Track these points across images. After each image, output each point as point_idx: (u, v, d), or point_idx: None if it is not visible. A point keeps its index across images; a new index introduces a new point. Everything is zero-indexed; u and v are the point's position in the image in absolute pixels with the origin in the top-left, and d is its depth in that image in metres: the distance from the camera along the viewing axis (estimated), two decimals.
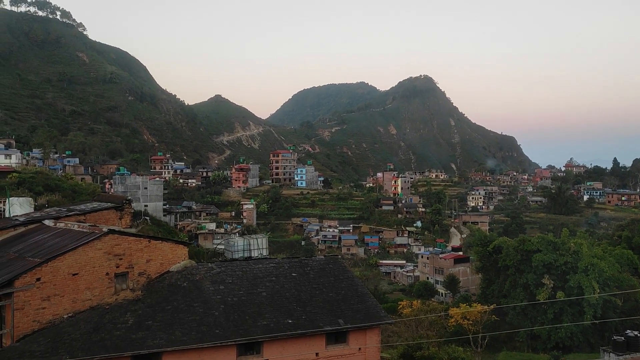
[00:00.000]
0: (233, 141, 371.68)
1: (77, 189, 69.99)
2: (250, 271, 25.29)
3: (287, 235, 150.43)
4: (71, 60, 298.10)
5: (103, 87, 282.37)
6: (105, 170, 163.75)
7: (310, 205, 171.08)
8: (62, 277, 20.84)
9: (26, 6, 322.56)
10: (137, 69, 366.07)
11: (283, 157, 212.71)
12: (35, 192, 58.16)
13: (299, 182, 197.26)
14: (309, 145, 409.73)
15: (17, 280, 19.75)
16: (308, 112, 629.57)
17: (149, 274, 23.57)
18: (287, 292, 24.31)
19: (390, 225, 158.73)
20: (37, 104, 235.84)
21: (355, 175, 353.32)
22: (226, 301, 22.93)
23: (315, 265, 26.95)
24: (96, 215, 31.00)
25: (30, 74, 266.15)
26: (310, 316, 23.19)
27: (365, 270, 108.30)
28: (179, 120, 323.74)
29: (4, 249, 24.56)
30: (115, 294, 22.28)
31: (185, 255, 25.35)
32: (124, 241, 22.85)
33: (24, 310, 19.85)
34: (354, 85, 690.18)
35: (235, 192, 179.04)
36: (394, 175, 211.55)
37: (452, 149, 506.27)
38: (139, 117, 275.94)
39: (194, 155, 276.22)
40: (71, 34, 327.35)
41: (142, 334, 20.55)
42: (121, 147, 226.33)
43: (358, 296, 25.25)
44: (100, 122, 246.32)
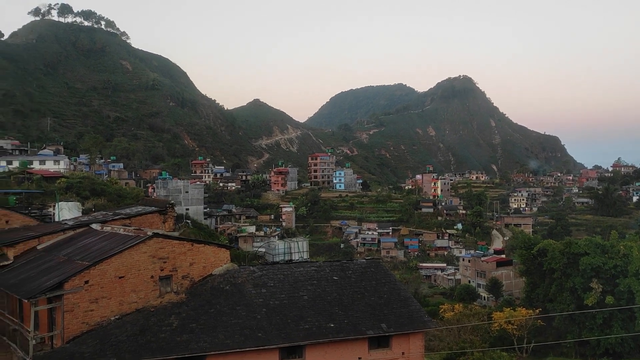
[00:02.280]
0: (271, 145, 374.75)
1: (121, 193, 71.93)
2: (292, 274, 25.26)
3: (326, 238, 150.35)
4: (115, 68, 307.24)
5: (145, 94, 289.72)
6: (148, 174, 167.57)
7: (349, 208, 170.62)
8: (109, 280, 21.31)
9: (73, 17, 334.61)
10: (178, 76, 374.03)
11: (321, 160, 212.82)
12: (82, 196, 60.02)
13: (338, 184, 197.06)
14: (347, 147, 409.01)
15: (67, 283, 20.31)
16: (346, 114, 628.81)
17: (192, 277, 23.85)
18: (328, 296, 24.16)
19: (430, 227, 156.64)
20: (84, 111, 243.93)
21: (394, 178, 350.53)
22: (268, 304, 22.97)
23: (356, 268, 26.71)
24: (141, 218, 31.65)
25: (77, 83, 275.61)
26: (352, 320, 22.97)
27: (405, 273, 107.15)
28: (218, 125, 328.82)
29: (54, 252, 25.34)
30: (160, 297, 22.62)
31: (227, 259, 25.54)
32: (167, 244, 23.21)
33: (73, 312, 20.38)
34: (391, 87, 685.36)
35: (274, 195, 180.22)
36: (433, 177, 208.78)
37: (493, 150, 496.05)
38: (180, 123, 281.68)
39: (234, 159, 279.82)
40: (115, 42, 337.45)
41: (187, 336, 20.79)
42: (163, 152, 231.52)
43: (401, 300, 24.86)
44: (143, 127, 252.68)
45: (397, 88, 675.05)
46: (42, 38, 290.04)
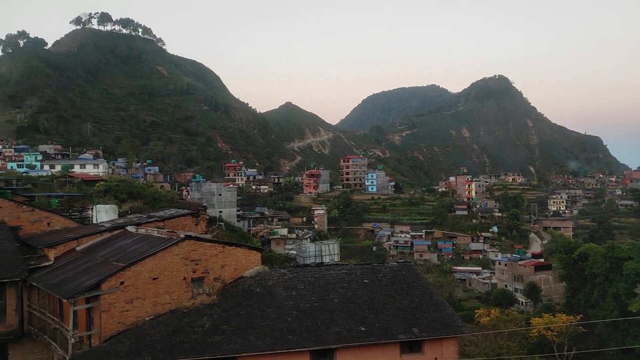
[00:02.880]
0: (304, 147, 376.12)
1: (157, 196, 73.34)
2: (322, 277, 25.26)
3: (358, 241, 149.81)
4: (151, 74, 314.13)
5: (180, 98, 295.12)
6: (183, 177, 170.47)
7: (381, 210, 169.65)
8: (143, 281, 21.76)
9: (112, 25, 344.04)
10: (211, 80, 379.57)
11: (353, 162, 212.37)
12: (119, 199, 61.50)
13: (370, 187, 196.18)
14: (380, 150, 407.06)
15: (104, 284, 20.84)
16: (378, 116, 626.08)
17: (223, 279, 24.13)
18: (359, 299, 24.05)
19: (464, 230, 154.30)
20: (122, 116, 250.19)
21: (427, 180, 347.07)
22: (299, 307, 23.02)
23: (387, 271, 26.53)
24: (174, 221, 32.25)
25: (116, 88, 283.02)
26: (383, 324, 22.80)
27: (439, 277, 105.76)
28: (251, 128, 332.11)
29: (92, 254, 26.05)
30: (193, 298, 22.97)
31: (258, 261, 25.75)
32: (199, 247, 23.56)
33: (109, 312, 20.89)
34: (424, 88, 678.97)
35: (306, 197, 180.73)
36: (468, 179, 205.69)
37: (530, 151, 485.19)
38: (214, 126, 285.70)
39: (266, 161, 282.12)
40: (151, 49, 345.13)
41: (218, 337, 21.03)
42: (197, 155, 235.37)
43: (433, 304, 24.55)
44: (178, 131, 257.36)
45: (429, 89, 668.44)
46: (83, 46, 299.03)
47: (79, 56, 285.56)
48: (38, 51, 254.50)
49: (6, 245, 27.36)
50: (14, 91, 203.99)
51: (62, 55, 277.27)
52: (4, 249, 27.01)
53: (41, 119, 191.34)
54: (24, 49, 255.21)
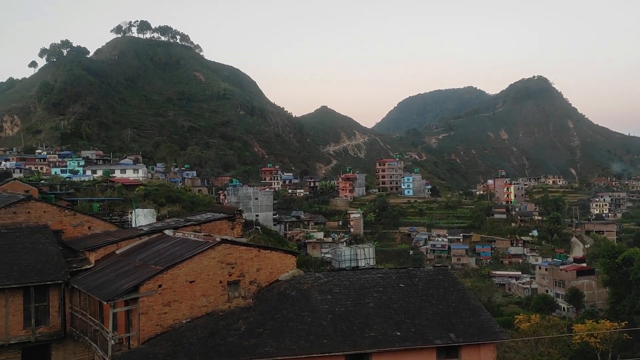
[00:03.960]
0: (339, 151, 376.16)
1: (194, 200, 74.61)
2: (357, 281, 25.10)
3: (395, 245, 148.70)
4: (189, 79, 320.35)
5: (217, 103, 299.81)
6: (220, 181, 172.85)
7: (417, 214, 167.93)
8: (180, 284, 22.06)
9: (151, 33, 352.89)
10: (247, 85, 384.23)
11: (389, 166, 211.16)
12: (158, 203, 62.77)
13: (406, 190, 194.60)
14: (416, 153, 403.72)
15: (142, 286, 21.21)
16: (414, 119, 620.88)
17: (259, 282, 24.25)
18: (394, 304, 23.78)
19: (503, 234, 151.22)
20: (160, 122, 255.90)
21: (465, 183, 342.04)
22: (334, 311, 22.91)
23: (423, 276, 26.16)
24: (210, 225, 32.64)
25: (155, 95, 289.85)
26: (419, 329, 22.47)
27: (477, 281, 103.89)
28: (287, 132, 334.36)
29: (131, 257, 26.60)
30: (229, 302, 23.15)
31: (294, 265, 25.77)
32: (235, 250, 23.74)
33: (148, 314, 21.24)
34: (461, 90, 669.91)
35: (342, 201, 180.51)
36: (506, 182, 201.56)
37: (571, 153, 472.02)
38: (250, 131, 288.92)
39: (302, 165, 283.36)
40: (189, 55, 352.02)
41: (254, 341, 21.11)
42: (234, 159, 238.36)
43: (470, 309, 24.05)
44: (215, 136, 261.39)
45: (466, 91, 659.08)
46: (123, 54, 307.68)
47: (119, 64, 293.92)
48: (81, 59, 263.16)
49: (50, 248, 28.23)
50: (58, 99, 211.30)
51: (104, 63, 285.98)
52: (48, 252, 27.87)
53: (83, 126, 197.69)
54: (67, 57, 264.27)
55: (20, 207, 30.25)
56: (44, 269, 26.42)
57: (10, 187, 39.84)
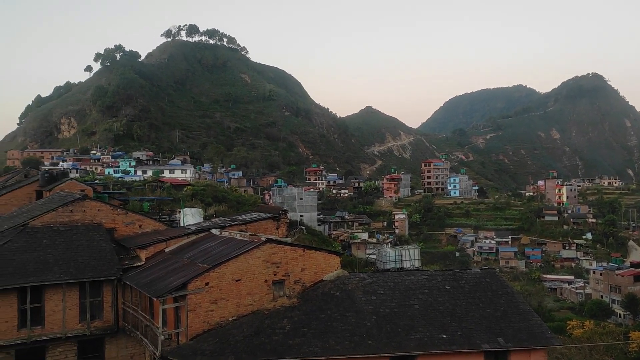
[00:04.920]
0: (384, 151, 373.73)
1: (240, 200, 75.86)
2: (402, 282, 24.87)
3: (440, 246, 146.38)
4: (235, 81, 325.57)
5: (263, 105, 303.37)
6: (265, 182, 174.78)
7: (464, 215, 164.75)
8: (227, 283, 22.46)
9: (199, 36, 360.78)
10: (292, 86, 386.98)
11: (435, 166, 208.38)
12: (205, 203, 64.17)
13: (452, 191, 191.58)
14: (462, 153, 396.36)
15: (190, 284, 21.73)
16: (460, 119, 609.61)
17: (303, 282, 24.39)
18: (440, 306, 23.43)
19: (554, 237, 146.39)
20: (208, 123, 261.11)
21: (513, 184, 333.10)
22: (378, 312, 22.78)
23: (470, 278, 25.66)
24: (256, 224, 33.07)
25: (202, 96, 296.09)
26: (466, 332, 22.04)
27: (526, 285, 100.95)
28: (331, 133, 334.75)
29: (179, 255, 27.27)
30: (274, 301, 23.39)
31: (338, 265, 25.78)
32: (280, 250, 23.98)
33: (195, 311, 21.73)
34: (510, 88, 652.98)
35: (386, 202, 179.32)
36: (558, 182, 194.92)
37: (629, 153, 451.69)
38: (295, 131, 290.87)
39: (346, 166, 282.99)
40: (236, 57, 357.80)
41: (299, 340, 21.23)
42: (279, 160, 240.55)
43: (520, 314, 23.41)
44: (260, 137, 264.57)
45: (515, 90, 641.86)
46: (172, 57, 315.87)
47: (169, 66, 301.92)
48: (133, 63, 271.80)
49: (103, 246, 29.30)
50: (112, 101, 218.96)
51: (154, 66, 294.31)
52: (101, 249, 28.95)
53: (135, 127, 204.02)
54: (120, 61, 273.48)
55: (77, 206, 31.52)
56: (98, 266, 27.46)
57: (67, 186, 41.56)
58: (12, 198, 43.99)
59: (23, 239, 28.43)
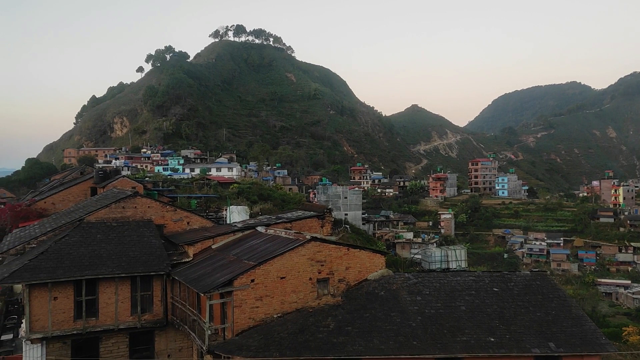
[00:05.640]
0: (430, 150, 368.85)
1: (285, 198, 76.33)
2: (448, 283, 24.46)
3: (488, 247, 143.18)
4: (281, 80, 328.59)
5: (308, 103, 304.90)
6: (310, 180, 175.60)
7: (513, 216, 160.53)
8: (272, 280, 22.69)
9: (246, 36, 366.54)
10: (337, 85, 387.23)
11: (482, 166, 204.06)
12: (251, 200, 64.93)
13: (500, 191, 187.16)
14: (511, 152, 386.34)
15: (236, 281, 22.06)
16: (510, 117, 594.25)
17: (348, 281, 24.35)
18: (488, 308, 22.89)
19: (609, 239, 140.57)
20: (253, 122, 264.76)
21: (566, 184, 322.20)
22: (423, 312, 22.48)
23: (519, 280, 24.96)
24: (300, 223, 33.25)
25: (248, 96, 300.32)
26: (515, 336, 21.45)
27: (579, 289, 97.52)
28: (376, 132, 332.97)
29: (226, 252, 27.73)
30: (318, 299, 23.45)
31: (383, 264, 25.61)
32: (325, 248, 24.00)
33: (241, 307, 22.05)
34: (563, 85, 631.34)
35: (432, 201, 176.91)
36: (614, 183, 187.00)
37: None
38: (340, 130, 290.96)
39: (391, 165, 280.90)
40: (281, 57, 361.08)
41: (343, 338, 21.20)
42: (323, 158, 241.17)
43: (572, 318, 22.58)
44: (305, 135, 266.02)
45: (569, 87, 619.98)
46: (220, 57, 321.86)
47: (216, 66, 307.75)
48: (182, 64, 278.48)
49: (153, 242, 30.14)
50: (161, 101, 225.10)
51: (202, 66, 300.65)
52: (151, 245, 29.78)
53: (183, 126, 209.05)
54: (170, 62, 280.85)
55: (128, 203, 32.57)
56: (149, 261, 28.27)
57: (119, 183, 43.08)
58: (69, 194, 46.12)
59: (79, 233, 29.59)
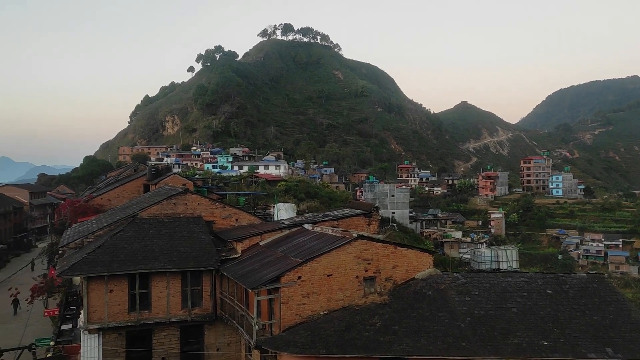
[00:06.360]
0: (479, 148, 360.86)
1: (332, 196, 76.44)
2: (499, 284, 23.87)
3: (541, 248, 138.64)
4: (328, 78, 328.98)
5: (355, 101, 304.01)
6: (356, 178, 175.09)
7: (568, 216, 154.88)
8: (318, 277, 22.78)
9: (293, 34, 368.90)
10: (385, 82, 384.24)
11: (535, 164, 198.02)
12: (298, 198, 65.38)
13: (554, 190, 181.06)
14: (567, 150, 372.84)
15: (283, 277, 22.30)
16: (565, 113, 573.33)
17: (394, 279, 24.17)
18: (541, 311, 22.20)
19: None
20: (301, 120, 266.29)
21: (625, 183, 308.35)
22: (472, 314, 22.03)
23: (575, 283, 24.07)
24: (347, 220, 33.23)
25: (296, 94, 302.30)
26: (569, 340, 20.70)
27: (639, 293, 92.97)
28: (424, 129, 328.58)
29: (273, 249, 28.05)
30: (364, 297, 23.38)
31: (430, 264, 25.29)
32: (371, 247, 23.91)
33: (288, 304, 22.27)
34: (623, 80, 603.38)
35: (482, 200, 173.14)
36: None
37: None
38: (387, 127, 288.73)
39: (440, 163, 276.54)
40: (329, 54, 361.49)
41: (389, 337, 21.04)
42: (370, 156, 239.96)
43: (631, 323, 21.59)
44: (352, 133, 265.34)
45: (630, 81, 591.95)
46: (268, 56, 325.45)
47: (264, 65, 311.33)
48: (231, 63, 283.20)
49: (203, 238, 30.84)
50: (211, 100, 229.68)
51: (250, 65, 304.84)
52: (201, 241, 30.48)
53: (232, 124, 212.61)
54: (219, 61, 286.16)
55: (179, 199, 33.47)
56: (198, 256, 28.97)
57: (171, 180, 44.32)
58: (123, 191, 47.95)
59: (133, 229, 30.64)
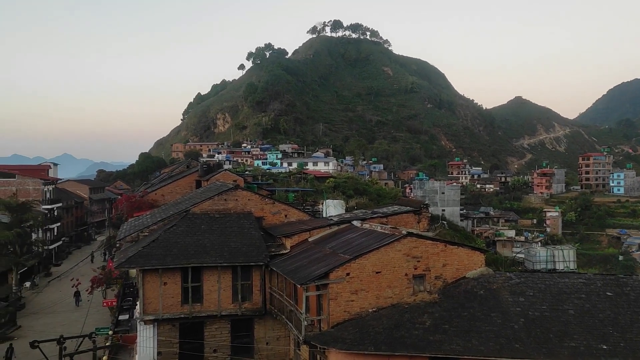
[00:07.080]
0: (534, 144, 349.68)
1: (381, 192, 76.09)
2: (555, 285, 23.04)
3: (600, 248, 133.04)
4: (377, 74, 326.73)
5: (404, 97, 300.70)
6: (406, 175, 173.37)
7: (630, 215, 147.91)
8: (367, 274, 22.70)
9: (343, 31, 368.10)
10: (435, 77, 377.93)
11: (595, 161, 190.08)
12: (347, 195, 65.41)
13: (616, 188, 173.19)
14: (629, 146, 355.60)
15: (332, 274, 22.34)
16: (627, 108, 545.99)
17: (444, 278, 23.78)
18: (600, 313, 21.27)
19: None
20: (350, 117, 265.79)
21: None
22: (526, 315, 21.38)
23: (637, 285, 22.96)
24: (396, 218, 32.91)
25: (345, 90, 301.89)
26: (631, 344, 19.76)
27: None
28: (476, 125, 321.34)
29: (322, 245, 28.14)
30: (413, 295, 23.12)
31: (482, 262, 24.73)
32: (421, 244, 23.60)
33: (336, 300, 22.30)
34: None
35: (537, 198, 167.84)
36: None
37: None
38: (437, 124, 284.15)
39: (492, 160, 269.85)
40: (378, 50, 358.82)
41: (439, 337, 20.71)
42: (420, 153, 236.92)
43: None
44: (402, 130, 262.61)
45: None
46: (317, 53, 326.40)
47: (313, 62, 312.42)
48: (280, 60, 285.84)
49: (253, 233, 31.32)
50: (261, 97, 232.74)
51: (300, 62, 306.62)
52: (252, 236, 30.96)
53: (281, 121, 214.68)
54: (269, 59, 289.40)
55: (230, 195, 34.11)
56: (248, 251, 29.45)
57: (222, 176, 45.30)
58: (176, 186, 49.37)
59: (185, 224, 31.48)
